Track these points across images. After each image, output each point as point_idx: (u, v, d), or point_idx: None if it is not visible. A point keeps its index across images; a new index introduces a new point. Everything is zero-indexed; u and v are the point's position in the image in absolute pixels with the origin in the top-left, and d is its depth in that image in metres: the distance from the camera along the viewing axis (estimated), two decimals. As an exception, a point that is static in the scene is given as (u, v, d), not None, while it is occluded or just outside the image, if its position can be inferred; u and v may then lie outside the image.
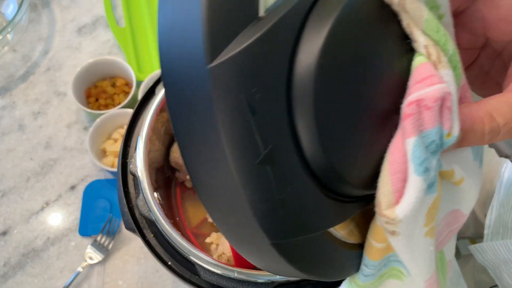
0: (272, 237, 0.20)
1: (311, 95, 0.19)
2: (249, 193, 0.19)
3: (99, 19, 0.77)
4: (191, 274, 0.38)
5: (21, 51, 0.74)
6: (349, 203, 0.23)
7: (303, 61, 0.19)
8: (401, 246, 0.23)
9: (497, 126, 0.22)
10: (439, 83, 0.20)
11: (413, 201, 0.20)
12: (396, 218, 0.21)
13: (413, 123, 0.20)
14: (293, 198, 0.20)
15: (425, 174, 0.20)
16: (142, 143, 0.40)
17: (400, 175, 0.21)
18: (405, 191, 0.21)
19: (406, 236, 0.22)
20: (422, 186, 0.20)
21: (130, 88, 0.67)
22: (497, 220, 0.59)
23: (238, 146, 0.18)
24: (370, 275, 0.26)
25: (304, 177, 0.20)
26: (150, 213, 0.38)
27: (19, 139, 0.67)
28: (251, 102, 0.18)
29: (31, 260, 0.59)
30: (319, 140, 0.19)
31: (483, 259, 0.61)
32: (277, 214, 0.20)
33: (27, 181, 0.64)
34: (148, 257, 0.59)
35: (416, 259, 0.24)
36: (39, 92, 0.70)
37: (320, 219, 0.22)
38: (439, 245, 0.30)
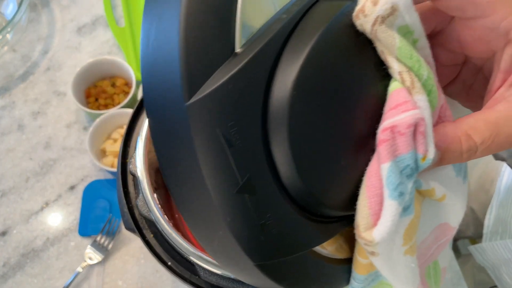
0: (255, 259, 0.21)
1: (286, 126, 0.20)
2: (229, 220, 0.20)
3: (99, 19, 0.77)
4: (191, 274, 0.38)
5: (20, 51, 0.74)
6: (331, 223, 0.24)
7: (277, 94, 0.20)
8: (381, 265, 0.24)
9: (474, 144, 0.23)
10: (412, 109, 0.21)
11: (388, 224, 0.21)
12: (374, 241, 0.21)
13: (388, 148, 0.21)
14: (273, 223, 0.21)
15: (400, 198, 0.21)
16: (142, 143, 0.40)
17: (377, 199, 0.21)
18: (381, 215, 0.21)
19: (385, 256, 0.23)
20: (397, 210, 0.21)
21: (130, 88, 0.67)
22: (496, 220, 0.59)
23: (217, 177, 0.19)
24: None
25: (283, 203, 0.21)
26: (150, 213, 0.38)
27: (18, 139, 0.66)
28: (227, 135, 0.19)
29: (31, 260, 0.59)
30: (295, 169, 0.20)
31: (483, 259, 0.61)
32: (258, 239, 0.20)
33: (27, 181, 0.64)
34: (148, 257, 0.59)
35: (398, 277, 0.25)
36: (38, 92, 0.70)
37: (302, 240, 0.22)
38: (430, 257, 0.30)
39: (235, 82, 0.19)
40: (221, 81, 0.18)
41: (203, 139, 0.19)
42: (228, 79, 0.19)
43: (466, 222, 0.81)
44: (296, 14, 0.21)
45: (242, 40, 0.19)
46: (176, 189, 0.21)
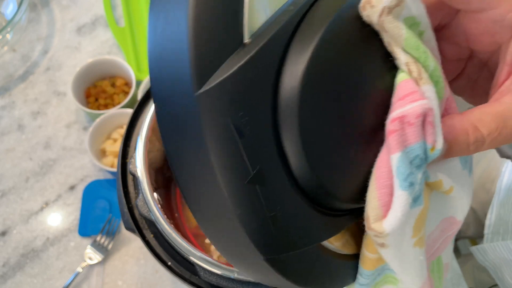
0: (265, 253, 0.21)
1: (296, 116, 0.20)
2: (240, 212, 0.20)
3: (99, 19, 0.77)
4: (191, 275, 0.38)
5: (20, 51, 0.74)
6: (340, 217, 0.24)
7: (287, 84, 0.20)
8: (391, 257, 0.24)
9: (481, 136, 0.23)
10: (420, 100, 0.21)
11: (399, 215, 0.21)
12: (384, 232, 0.22)
13: (397, 139, 0.21)
14: (283, 215, 0.21)
15: (410, 188, 0.21)
16: (142, 143, 0.40)
17: (386, 190, 0.21)
18: (392, 206, 0.21)
19: (394, 248, 0.23)
20: (408, 200, 0.21)
21: (129, 87, 0.67)
22: (497, 220, 0.59)
23: (228, 168, 0.19)
24: (365, 285, 0.27)
25: (294, 195, 0.21)
26: (150, 213, 0.38)
27: (18, 139, 0.66)
28: (238, 125, 0.19)
29: (31, 260, 0.59)
30: (306, 159, 0.20)
31: (484, 260, 0.61)
32: (268, 231, 0.20)
33: (27, 181, 0.64)
34: (148, 258, 0.59)
35: (407, 269, 0.25)
36: (38, 92, 0.70)
37: (312, 234, 0.22)
38: (436, 251, 0.30)
39: (244, 72, 0.19)
40: (230, 71, 0.19)
41: (213, 129, 0.19)
42: (238, 69, 0.19)
43: (466, 222, 0.81)
44: (303, 5, 0.21)
45: (250, 31, 0.19)
46: (185, 181, 0.21)
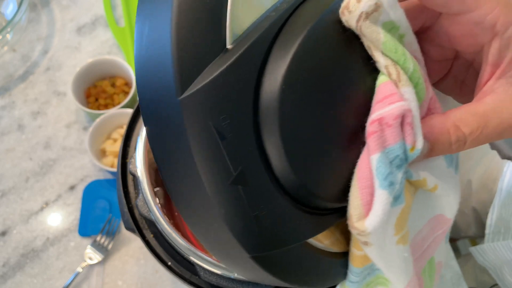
0: (250, 251, 0.21)
1: (277, 119, 0.20)
2: (224, 211, 0.20)
3: (99, 19, 0.77)
4: (191, 275, 0.38)
5: (20, 51, 0.74)
6: (325, 215, 0.24)
7: (268, 87, 0.20)
8: (375, 256, 0.24)
9: (463, 136, 0.23)
10: (398, 101, 0.22)
11: (380, 213, 0.22)
12: (366, 231, 0.22)
13: (376, 140, 0.22)
14: (267, 214, 0.21)
15: (390, 188, 0.22)
16: (142, 143, 0.40)
17: (368, 190, 0.22)
18: (373, 205, 0.22)
19: (378, 246, 0.23)
20: (388, 199, 0.22)
21: (129, 87, 0.67)
22: (498, 220, 0.59)
23: (211, 169, 0.20)
24: (356, 282, 0.28)
25: (276, 195, 0.21)
26: (150, 213, 0.38)
27: (18, 139, 0.66)
28: (219, 128, 0.20)
29: (31, 260, 0.59)
30: (287, 160, 0.21)
31: (484, 260, 0.61)
32: (253, 230, 0.21)
33: (27, 181, 0.64)
34: (148, 258, 0.59)
35: (392, 267, 0.25)
36: (38, 92, 0.70)
37: (297, 232, 0.23)
38: (427, 250, 0.30)
39: (226, 77, 0.19)
40: (212, 75, 0.19)
41: (196, 132, 0.19)
42: (219, 73, 0.19)
43: (468, 222, 0.81)
44: (285, 11, 0.21)
45: (233, 37, 0.20)
46: (171, 183, 0.21)
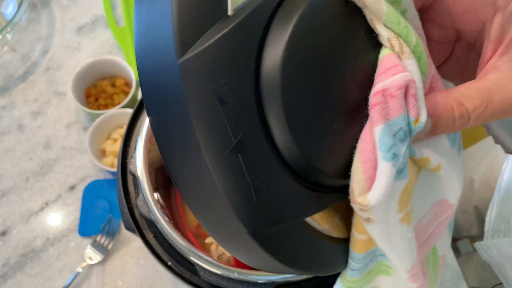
0: (248, 225, 0.20)
1: (279, 87, 0.20)
2: (222, 181, 0.20)
3: (99, 19, 0.77)
4: (191, 275, 0.38)
5: (20, 51, 0.74)
6: (326, 194, 0.24)
7: (270, 54, 0.20)
8: (378, 234, 0.23)
9: (467, 112, 0.23)
10: (402, 72, 0.21)
11: (383, 186, 0.21)
12: (369, 205, 0.21)
13: (380, 112, 0.21)
14: (266, 186, 0.20)
15: (394, 160, 0.21)
16: (142, 143, 0.40)
17: (371, 163, 0.21)
18: (376, 178, 0.21)
19: (381, 223, 0.23)
20: (391, 171, 0.21)
21: (129, 87, 0.67)
22: (497, 217, 0.59)
23: (210, 135, 0.19)
24: (357, 270, 0.27)
25: (277, 166, 0.21)
26: (150, 213, 0.38)
27: (18, 139, 0.66)
28: (220, 93, 0.19)
29: (31, 260, 0.59)
30: (289, 130, 0.20)
31: (488, 256, 0.61)
32: (251, 202, 0.20)
33: (27, 181, 0.64)
34: (148, 258, 0.59)
35: (395, 248, 0.25)
36: (38, 92, 0.70)
37: (296, 208, 0.22)
38: (430, 237, 0.30)
39: (227, 41, 0.19)
40: (213, 39, 0.19)
41: (196, 97, 0.19)
42: (220, 37, 0.19)
43: (470, 221, 0.81)
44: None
45: (234, 5, 0.20)
46: (169, 152, 0.21)
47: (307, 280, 0.37)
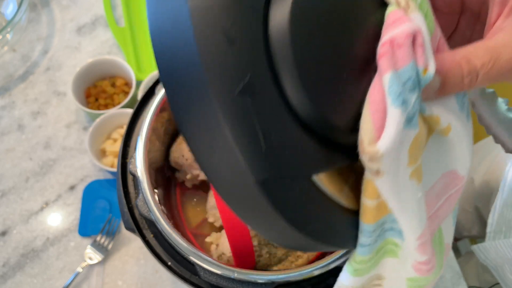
0: (256, 173, 0.20)
1: (288, 34, 0.20)
2: (230, 124, 0.19)
3: (99, 19, 0.77)
4: (191, 275, 0.38)
5: (20, 51, 0.74)
6: (334, 152, 0.23)
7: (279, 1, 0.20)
8: (387, 190, 0.23)
9: (475, 68, 0.23)
10: (409, 22, 0.22)
11: (393, 132, 0.21)
12: (378, 152, 0.21)
13: (388, 61, 0.21)
14: (275, 133, 0.20)
15: (403, 106, 0.21)
16: (142, 143, 0.40)
17: (380, 114, 0.21)
18: (385, 125, 0.21)
19: (390, 175, 0.22)
20: (401, 117, 0.21)
21: (129, 88, 0.67)
22: (500, 218, 0.59)
23: (218, 76, 0.19)
24: (367, 245, 0.26)
25: (286, 114, 0.21)
26: (150, 213, 0.38)
27: (18, 139, 0.66)
28: (228, 32, 0.19)
29: (31, 260, 0.59)
30: (298, 77, 0.20)
31: (486, 258, 0.61)
32: (259, 147, 0.20)
33: (27, 181, 0.64)
34: (148, 258, 0.59)
35: (405, 208, 0.24)
36: (38, 92, 0.70)
37: (305, 161, 0.22)
38: (440, 210, 0.29)
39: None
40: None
41: (204, 37, 0.19)
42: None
43: (471, 221, 0.81)
44: None
45: None
46: (175, 95, 0.20)
47: (308, 280, 0.37)
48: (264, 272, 0.36)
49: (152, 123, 0.41)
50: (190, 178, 0.50)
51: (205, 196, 0.52)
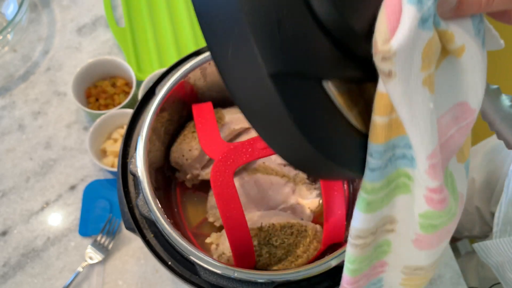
0: (269, 64, 0.20)
1: None
2: (246, 8, 0.19)
3: (99, 19, 0.77)
4: (191, 274, 0.38)
5: (21, 51, 0.74)
6: (347, 59, 0.23)
7: None
8: (399, 94, 0.23)
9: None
10: None
11: (406, 30, 0.21)
12: (391, 50, 0.21)
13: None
14: (290, 22, 0.20)
15: (419, 4, 0.21)
16: (142, 143, 0.40)
17: (395, 16, 0.21)
18: (400, 23, 0.21)
19: (403, 78, 0.22)
20: (416, 16, 0.21)
21: (130, 88, 0.67)
22: (505, 218, 0.60)
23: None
24: (377, 169, 0.26)
25: (302, 7, 0.21)
26: (150, 213, 0.38)
27: (19, 139, 0.67)
28: None
29: (31, 260, 0.59)
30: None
31: (486, 257, 0.61)
32: (274, 36, 0.19)
33: (27, 181, 0.64)
34: (148, 257, 0.59)
35: (416, 117, 0.24)
36: (39, 92, 0.70)
37: (317, 59, 0.22)
38: (451, 138, 0.29)
39: None
40: None
41: None
42: None
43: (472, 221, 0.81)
44: None
45: None
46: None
47: (307, 280, 0.37)
48: (264, 271, 0.36)
49: (152, 123, 0.41)
50: (190, 178, 0.51)
51: (205, 196, 0.52)
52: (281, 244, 0.42)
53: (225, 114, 0.50)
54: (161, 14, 0.77)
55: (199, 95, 0.49)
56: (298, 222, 0.45)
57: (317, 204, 0.50)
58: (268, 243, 0.42)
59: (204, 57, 0.44)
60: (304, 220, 0.48)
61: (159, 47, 0.74)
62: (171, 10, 0.78)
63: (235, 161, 0.37)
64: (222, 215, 0.36)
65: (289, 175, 0.50)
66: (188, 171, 0.50)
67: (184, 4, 0.78)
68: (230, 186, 0.36)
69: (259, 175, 0.48)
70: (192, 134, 0.48)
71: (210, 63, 0.45)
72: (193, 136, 0.48)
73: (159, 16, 0.77)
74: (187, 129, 0.49)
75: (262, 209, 0.49)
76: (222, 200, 0.36)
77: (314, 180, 0.53)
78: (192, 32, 0.75)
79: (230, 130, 0.50)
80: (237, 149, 0.38)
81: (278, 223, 0.43)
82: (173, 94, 0.43)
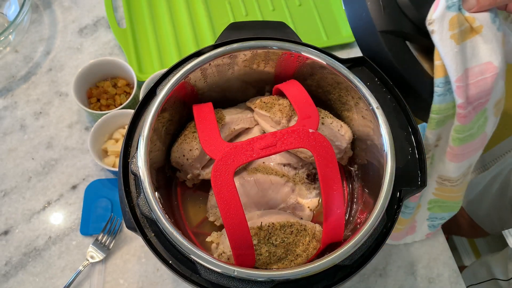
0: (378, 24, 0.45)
1: None
2: None
3: (100, 20, 0.77)
4: (191, 273, 0.38)
5: (22, 52, 0.74)
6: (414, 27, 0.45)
7: None
8: (437, 41, 0.41)
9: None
10: None
11: (439, 10, 0.41)
12: (432, 18, 0.41)
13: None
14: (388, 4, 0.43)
15: None
16: (143, 143, 0.40)
17: (435, 4, 0.41)
18: (436, 7, 0.41)
19: (438, 32, 0.41)
20: (444, 4, 0.41)
21: (131, 88, 0.68)
22: None
23: None
24: (441, 95, 0.43)
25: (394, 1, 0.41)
26: (151, 212, 0.38)
27: (20, 139, 0.67)
28: None
29: (33, 259, 0.59)
30: None
31: None
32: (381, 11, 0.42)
33: (29, 181, 0.64)
34: (149, 256, 0.60)
35: (447, 53, 0.41)
36: (40, 93, 0.71)
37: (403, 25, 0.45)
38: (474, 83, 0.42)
39: None
40: None
41: None
42: None
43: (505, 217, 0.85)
44: None
45: None
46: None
47: (307, 278, 0.38)
48: (264, 270, 0.37)
49: (153, 123, 0.42)
50: (190, 177, 0.51)
51: (205, 196, 0.52)
52: (281, 243, 0.43)
53: (225, 114, 0.51)
54: (162, 15, 0.77)
55: (199, 96, 0.50)
56: (298, 221, 0.45)
57: (316, 204, 0.51)
58: (268, 242, 0.43)
59: (204, 58, 0.44)
60: (303, 219, 0.49)
61: (160, 48, 0.74)
62: (172, 11, 0.78)
63: (235, 161, 0.37)
64: (222, 214, 0.36)
65: (288, 175, 0.51)
66: (188, 171, 0.50)
67: (185, 5, 0.78)
68: (230, 186, 0.36)
69: (259, 175, 0.49)
70: (193, 134, 0.48)
71: (211, 64, 0.45)
72: (194, 136, 0.48)
73: (160, 17, 0.77)
74: (187, 129, 0.49)
75: (262, 209, 0.49)
76: (222, 200, 0.36)
77: (313, 179, 0.53)
78: (192, 33, 0.76)
79: (230, 130, 0.50)
80: (237, 149, 0.38)
81: (278, 223, 0.44)
82: (174, 95, 0.44)
